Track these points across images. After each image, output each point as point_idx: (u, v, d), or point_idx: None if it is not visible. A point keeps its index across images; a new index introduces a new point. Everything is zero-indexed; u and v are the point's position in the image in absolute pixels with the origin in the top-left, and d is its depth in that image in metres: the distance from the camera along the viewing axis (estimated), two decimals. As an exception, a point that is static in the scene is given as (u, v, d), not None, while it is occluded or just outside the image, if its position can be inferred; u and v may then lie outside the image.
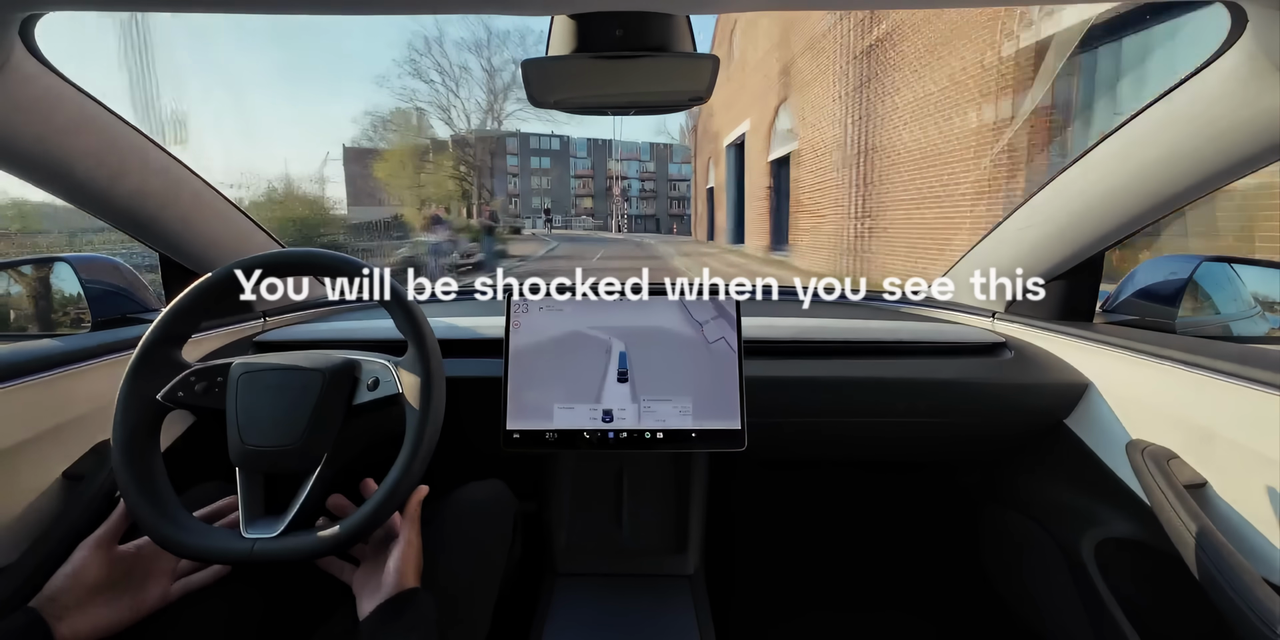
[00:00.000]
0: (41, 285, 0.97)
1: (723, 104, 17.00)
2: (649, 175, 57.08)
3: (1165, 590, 0.78)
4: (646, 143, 57.70)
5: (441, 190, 21.98)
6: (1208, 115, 0.63)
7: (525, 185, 52.42)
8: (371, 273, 0.61)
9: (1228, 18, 0.55)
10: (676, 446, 0.79)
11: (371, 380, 0.61)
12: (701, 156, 22.86)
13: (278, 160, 41.41)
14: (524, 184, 52.50)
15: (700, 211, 23.96)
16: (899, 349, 0.97)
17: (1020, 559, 1.09)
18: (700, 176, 23.76)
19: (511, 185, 51.12)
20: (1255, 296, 0.98)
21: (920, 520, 1.37)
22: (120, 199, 0.79)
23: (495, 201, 27.32)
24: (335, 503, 0.63)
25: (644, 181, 56.93)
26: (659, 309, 0.83)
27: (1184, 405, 0.73)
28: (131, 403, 0.58)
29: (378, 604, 0.55)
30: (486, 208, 22.52)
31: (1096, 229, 0.83)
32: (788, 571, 1.31)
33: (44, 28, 0.58)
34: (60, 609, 0.53)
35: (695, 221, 24.73)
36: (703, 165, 22.79)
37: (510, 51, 25.89)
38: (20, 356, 0.67)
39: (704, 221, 23.01)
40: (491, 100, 24.16)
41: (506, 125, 32.52)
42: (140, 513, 0.54)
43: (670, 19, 0.58)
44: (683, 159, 54.53)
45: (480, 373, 0.86)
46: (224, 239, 0.96)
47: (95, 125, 0.70)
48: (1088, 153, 0.79)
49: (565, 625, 0.82)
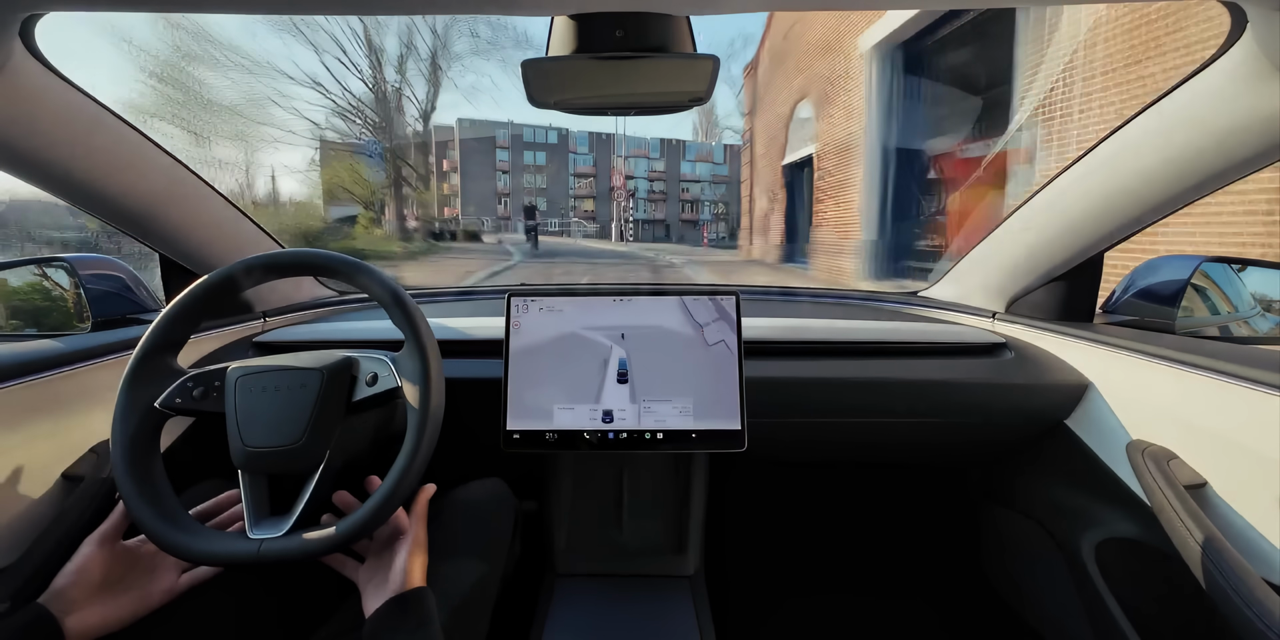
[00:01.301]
0: (42, 285, 0.97)
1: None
2: (658, 175, 49.13)
3: (1165, 590, 0.78)
4: (656, 139, 49.54)
5: (363, 191, 17.47)
6: (1208, 115, 0.63)
7: (516, 183, 44.73)
8: (371, 273, 0.61)
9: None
10: (676, 447, 0.79)
11: (370, 376, 0.61)
12: (770, 112, 12.21)
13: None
14: (515, 182, 44.80)
15: (764, 208, 12.97)
16: (899, 349, 0.97)
17: (1020, 559, 1.09)
18: (767, 147, 12.55)
19: (501, 183, 44.35)
20: (1255, 296, 0.98)
21: (921, 520, 1.37)
22: (120, 199, 0.79)
23: (426, 194, 22.20)
24: (341, 499, 0.63)
25: (653, 182, 49.03)
26: (659, 309, 0.83)
27: (1184, 405, 0.73)
28: (129, 411, 0.58)
29: (384, 600, 0.55)
30: (410, 211, 18.94)
31: (1097, 229, 0.83)
32: (788, 572, 1.31)
33: (44, 28, 0.58)
34: (67, 604, 0.53)
35: (750, 226, 14.21)
36: (771, 125, 12.07)
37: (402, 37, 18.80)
38: (20, 356, 0.67)
39: (776, 226, 12.25)
40: (394, 101, 18.71)
41: (445, 120, 28.69)
42: (145, 521, 0.54)
43: (670, 20, 0.58)
44: (696, 156, 49.09)
45: (480, 373, 0.86)
46: (224, 239, 0.96)
47: (95, 125, 0.70)
48: (1088, 153, 0.79)
49: (565, 626, 0.82)
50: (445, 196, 43.91)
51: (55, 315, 0.97)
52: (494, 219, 42.13)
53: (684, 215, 49.39)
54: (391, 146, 17.94)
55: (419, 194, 19.86)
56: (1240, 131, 0.62)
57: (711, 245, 21.93)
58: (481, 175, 43.45)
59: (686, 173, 49.52)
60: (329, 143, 17.45)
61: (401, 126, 19.37)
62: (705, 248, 20.72)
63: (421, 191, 19.84)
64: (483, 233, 26.76)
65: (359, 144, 17.48)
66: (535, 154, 45.83)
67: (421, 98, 20.78)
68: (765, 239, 13.06)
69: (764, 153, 13.03)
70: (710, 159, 49.46)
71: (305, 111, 22.42)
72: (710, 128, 47.13)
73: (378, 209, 17.72)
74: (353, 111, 16.94)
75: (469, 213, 41.03)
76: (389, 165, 17.50)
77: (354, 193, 17.06)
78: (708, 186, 49.65)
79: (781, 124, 11.36)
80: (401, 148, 18.88)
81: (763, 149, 13.07)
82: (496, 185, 44.25)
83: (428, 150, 26.95)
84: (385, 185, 17.69)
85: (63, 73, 0.63)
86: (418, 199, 20.31)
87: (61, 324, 0.95)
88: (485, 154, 43.88)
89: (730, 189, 48.49)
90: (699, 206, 49.83)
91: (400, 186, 18.16)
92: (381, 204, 18.10)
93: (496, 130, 43.93)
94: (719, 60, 0.60)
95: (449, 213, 41.11)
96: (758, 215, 13.73)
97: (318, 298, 1.20)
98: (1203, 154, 0.66)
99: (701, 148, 49.16)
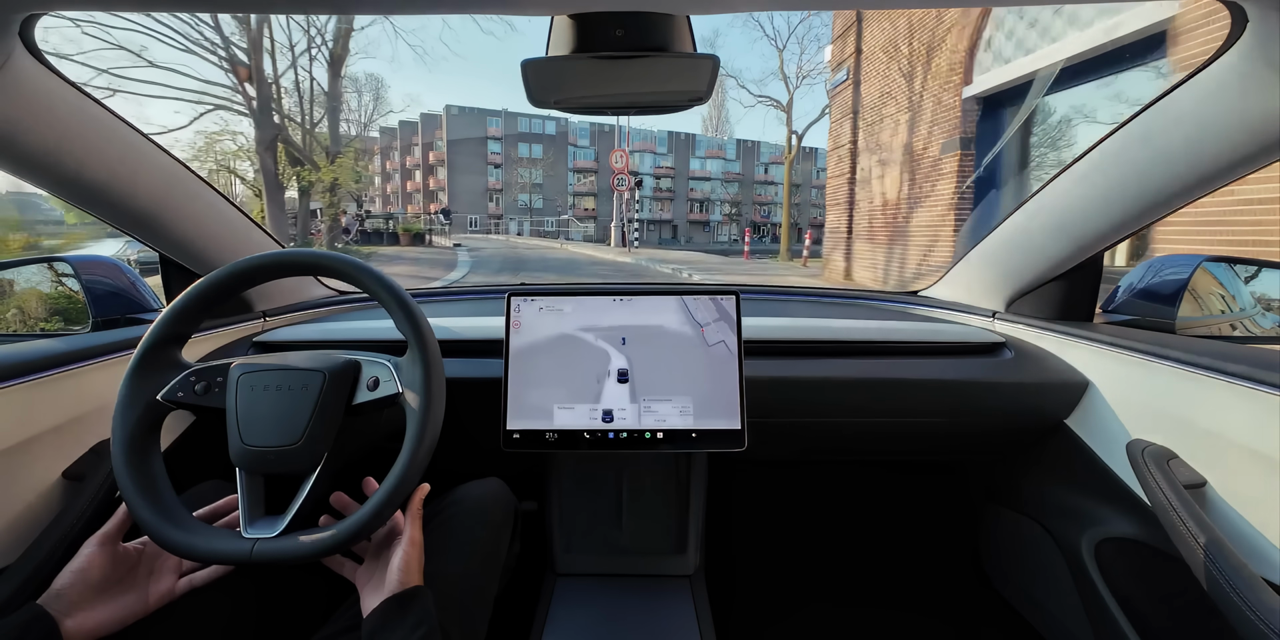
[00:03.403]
0: (42, 285, 0.97)
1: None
2: (665, 171, 43.75)
3: (1165, 590, 0.78)
4: (663, 132, 44.40)
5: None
6: (1208, 115, 0.63)
7: (509, 177, 39.62)
8: (373, 274, 0.61)
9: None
10: (676, 446, 0.79)
11: (371, 380, 0.61)
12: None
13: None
14: (507, 175, 39.70)
15: (893, 189, 7.08)
16: (899, 349, 0.97)
17: (1020, 558, 1.09)
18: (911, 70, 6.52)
19: (492, 178, 39.98)
20: (1255, 296, 0.98)
21: (920, 520, 1.37)
22: (120, 198, 0.79)
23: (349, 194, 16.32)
24: (338, 501, 0.63)
25: (659, 178, 43.74)
26: (659, 309, 0.83)
27: (1184, 405, 0.73)
28: (131, 403, 0.58)
29: (382, 600, 0.55)
30: (342, 213, 15.33)
31: (1096, 229, 0.83)
32: (788, 571, 1.32)
33: (44, 28, 0.58)
34: (67, 605, 0.53)
35: (848, 227, 8.26)
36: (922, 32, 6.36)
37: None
38: (20, 356, 0.67)
39: (935, 222, 6.27)
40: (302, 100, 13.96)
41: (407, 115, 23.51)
42: (140, 514, 0.55)
43: (670, 19, 0.58)
44: (707, 152, 44.66)
45: (480, 373, 0.86)
46: (224, 239, 0.96)
47: (95, 125, 0.70)
48: (1088, 152, 0.79)
49: (565, 626, 0.82)
50: (380, 186, 39.63)
51: (56, 315, 0.97)
52: (484, 216, 38.84)
53: (692, 216, 45.16)
54: (281, 115, 12.78)
55: (334, 180, 13.91)
56: (1240, 130, 0.62)
57: (754, 254, 15.52)
58: (471, 169, 39.70)
59: (696, 169, 44.89)
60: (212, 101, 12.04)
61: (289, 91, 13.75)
62: (747, 259, 14.60)
63: (337, 177, 13.81)
64: (432, 232, 19.00)
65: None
66: (531, 146, 40.61)
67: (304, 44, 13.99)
68: (896, 249, 7.11)
69: (888, 92, 7.16)
70: (722, 155, 45.56)
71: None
72: (720, 123, 44.19)
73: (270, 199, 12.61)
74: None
75: (457, 209, 37.30)
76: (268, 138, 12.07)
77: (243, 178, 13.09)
78: (719, 185, 45.63)
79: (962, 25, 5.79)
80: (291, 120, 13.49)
81: (890, 81, 7.12)
82: (487, 180, 40.33)
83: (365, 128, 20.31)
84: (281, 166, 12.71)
85: (63, 73, 0.63)
86: (342, 189, 14.86)
87: (62, 324, 0.95)
88: (475, 145, 39.51)
89: (743, 188, 45.87)
90: (709, 206, 45.69)
91: (294, 167, 13.32)
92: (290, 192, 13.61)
93: (489, 119, 39.45)
94: (719, 60, 0.60)
95: (397, 208, 36.77)
96: (869, 205, 7.81)
97: (318, 297, 1.20)
98: (1203, 153, 0.66)
99: (712, 143, 45.24)
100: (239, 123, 13.03)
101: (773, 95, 34.76)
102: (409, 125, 43.41)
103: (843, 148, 8.48)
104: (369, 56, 26.31)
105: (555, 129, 40.93)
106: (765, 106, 41.77)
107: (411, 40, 25.58)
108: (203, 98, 12.06)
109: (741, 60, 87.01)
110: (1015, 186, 5.42)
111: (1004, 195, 5.54)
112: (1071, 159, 0.82)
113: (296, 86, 14.29)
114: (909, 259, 6.88)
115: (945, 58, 6.16)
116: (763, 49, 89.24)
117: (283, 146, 13.05)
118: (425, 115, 41.88)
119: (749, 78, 37.88)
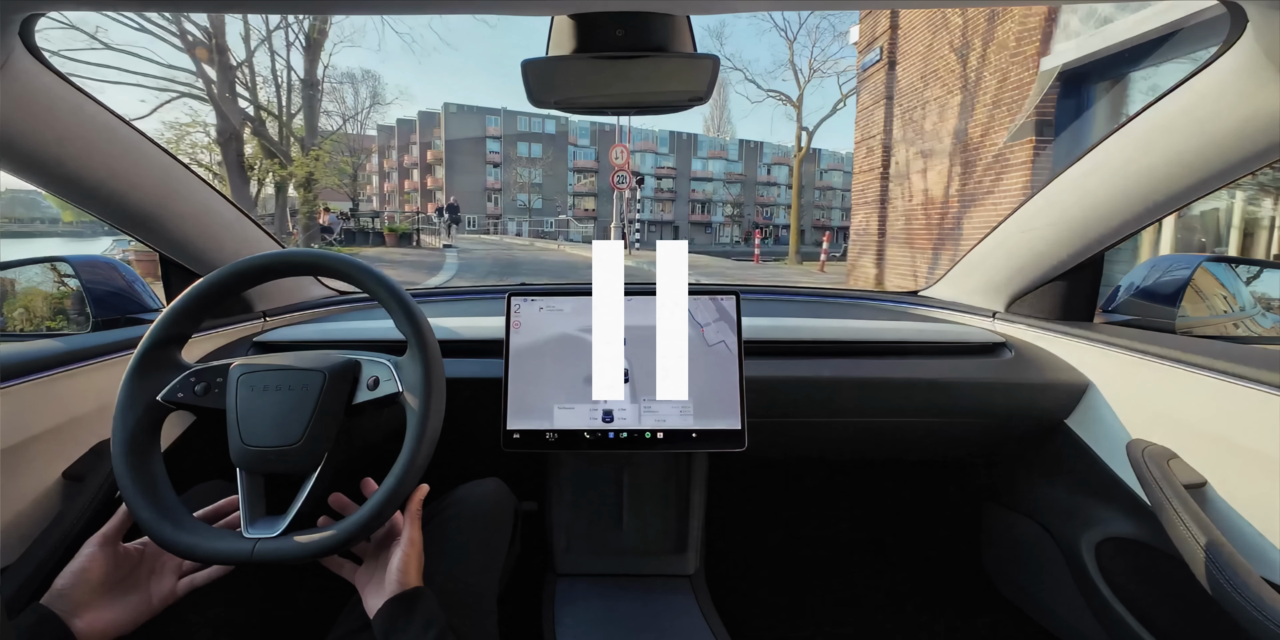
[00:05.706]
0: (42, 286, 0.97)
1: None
2: (667, 172, 43.57)
3: (1164, 589, 0.78)
4: (665, 131, 44.17)
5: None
6: (1208, 115, 0.63)
7: (508, 177, 39.35)
8: (374, 274, 0.61)
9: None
10: (677, 446, 0.79)
11: (371, 380, 0.61)
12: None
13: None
14: (506, 175, 39.41)
15: (933, 185, 6.06)
16: (899, 349, 0.97)
17: (1021, 558, 1.09)
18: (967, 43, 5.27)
19: (491, 177, 39.71)
20: (1255, 296, 0.98)
21: (921, 519, 1.37)
22: (119, 198, 0.79)
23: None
24: (337, 501, 0.63)
25: (660, 179, 43.47)
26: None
27: (1184, 405, 0.73)
28: (131, 403, 0.58)
29: (385, 600, 0.55)
30: (323, 211, 14.26)
31: (1097, 229, 0.83)
32: (788, 571, 1.32)
33: (44, 28, 0.58)
34: (72, 606, 0.53)
35: (879, 229, 7.21)
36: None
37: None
38: (20, 356, 0.67)
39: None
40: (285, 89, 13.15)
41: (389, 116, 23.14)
42: (141, 514, 0.55)
43: (671, 19, 0.58)
44: (709, 152, 44.75)
45: (480, 373, 0.86)
46: (224, 239, 0.96)
47: (95, 125, 0.70)
48: (1088, 153, 0.79)
49: (575, 629, 0.82)
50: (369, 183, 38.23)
51: (56, 315, 0.97)
52: (482, 216, 37.69)
53: (694, 217, 44.81)
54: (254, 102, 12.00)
55: (309, 175, 12.90)
56: (1240, 130, 0.62)
57: (764, 258, 14.56)
58: (469, 168, 39.30)
59: (698, 170, 44.63)
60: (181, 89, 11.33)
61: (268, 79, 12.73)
62: (758, 263, 13.80)
63: (311, 171, 12.85)
64: (421, 232, 17.21)
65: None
66: (531, 145, 40.13)
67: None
68: (944, 254, 6.20)
69: (932, 71, 6.23)
70: (724, 155, 45.76)
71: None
72: (722, 123, 44.08)
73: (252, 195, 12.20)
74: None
75: (451, 206, 36.53)
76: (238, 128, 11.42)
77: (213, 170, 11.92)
78: (721, 186, 45.71)
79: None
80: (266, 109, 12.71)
81: (936, 59, 6.18)
82: (486, 179, 39.92)
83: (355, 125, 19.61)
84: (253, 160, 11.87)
85: (63, 73, 0.63)
86: (319, 185, 13.99)
87: (62, 324, 0.95)
88: (474, 144, 39.21)
89: (746, 189, 45.69)
90: (711, 207, 45.62)
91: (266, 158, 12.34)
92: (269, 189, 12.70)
93: (487, 118, 39.26)
94: (719, 60, 0.60)
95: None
96: (905, 204, 6.90)
97: (318, 297, 1.20)
98: (1203, 153, 0.66)
99: (714, 143, 45.47)
100: (210, 113, 11.54)
101: (781, 90, 34.05)
102: (406, 123, 43.11)
103: (873, 138, 7.35)
104: (354, 45, 25.87)
105: (555, 128, 40.61)
106: (771, 104, 41.28)
107: (399, 27, 24.68)
108: (167, 85, 11.34)
109: (750, 52, 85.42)
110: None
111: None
112: (1071, 160, 0.82)
113: (274, 74, 13.42)
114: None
115: (1014, 25, 4.95)
116: (771, 40, 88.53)
117: (256, 139, 12.31)
118: (423, 113, 41.72)
119: (758, 70, 37.20)
